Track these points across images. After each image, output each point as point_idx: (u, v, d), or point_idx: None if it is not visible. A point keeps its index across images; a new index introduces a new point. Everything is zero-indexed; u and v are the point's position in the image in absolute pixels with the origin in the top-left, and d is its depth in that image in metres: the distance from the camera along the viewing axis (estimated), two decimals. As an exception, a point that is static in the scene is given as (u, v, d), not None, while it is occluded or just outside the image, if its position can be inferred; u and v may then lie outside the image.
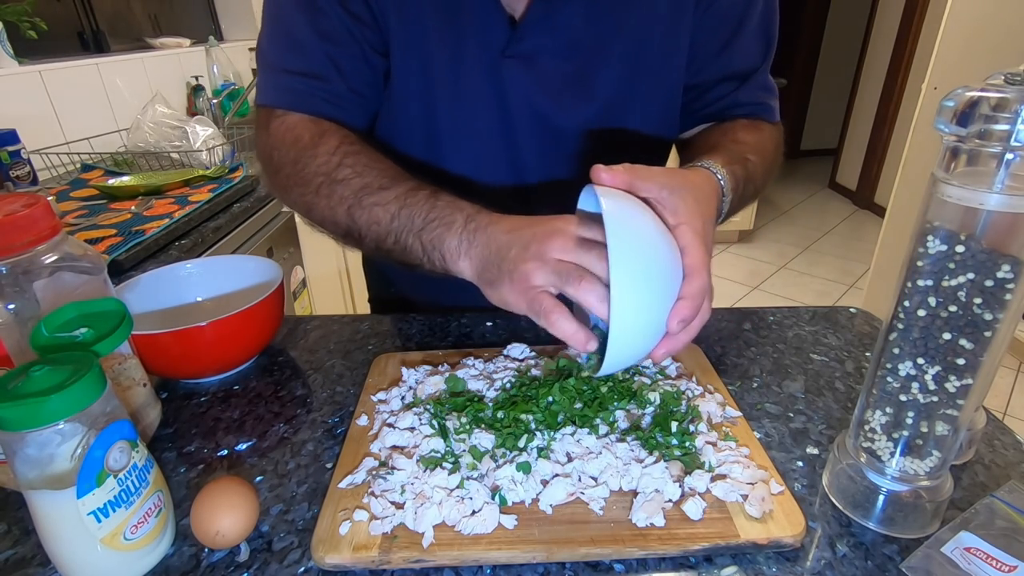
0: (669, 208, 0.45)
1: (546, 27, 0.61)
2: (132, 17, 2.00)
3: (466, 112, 0.66)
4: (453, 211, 0.51)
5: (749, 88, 0.68)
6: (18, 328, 0.44)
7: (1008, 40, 2.00)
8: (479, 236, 0.49)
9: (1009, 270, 0.34)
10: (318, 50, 0.61)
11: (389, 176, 0.56)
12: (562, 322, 0.42)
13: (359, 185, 0.56)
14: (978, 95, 0.32)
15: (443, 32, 0.62)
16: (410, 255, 0.53)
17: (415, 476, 0.45)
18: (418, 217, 0.52)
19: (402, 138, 0.70)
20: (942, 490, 0.41)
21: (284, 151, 0.61)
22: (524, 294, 0.44)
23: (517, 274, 0.44)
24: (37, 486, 0.36)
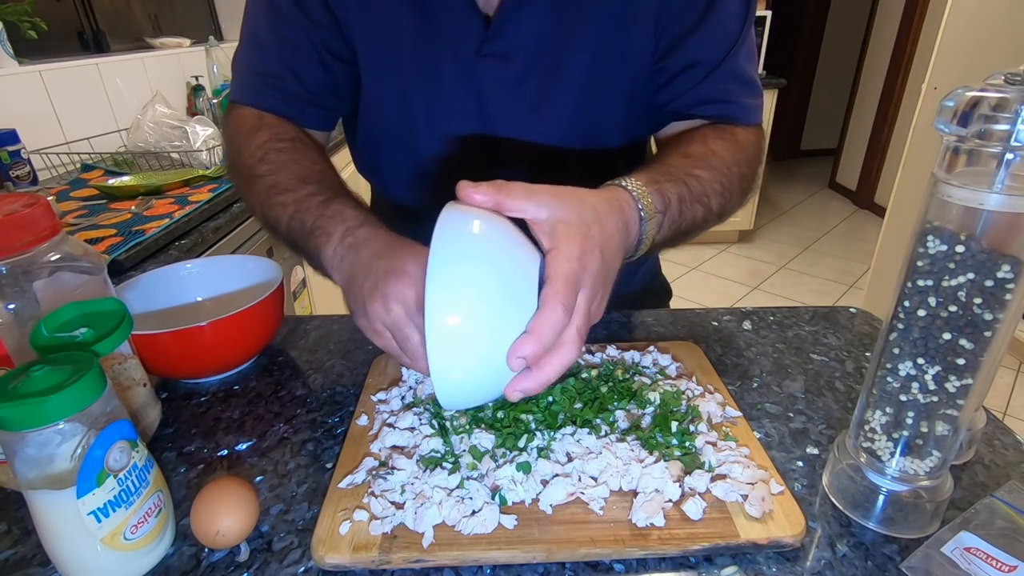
0: (547, 230, 0.40)
1: (519, 22, 0.61)
2: (132, 17, 2.00)
3: (444, 113, 0.66)
4: (336, 223, 0.51)
5: (717, 80, 0.63)
6: (18, 328, 0.44)
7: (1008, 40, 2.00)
8: (349, 254, 0.49)
9: (1009, 270, 0.34)
10: (277, 53, 0.64)
11: (298, 177, 0.57)
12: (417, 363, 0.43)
13: (270, 183, 0.58)
14: (978, 95, 0.32)
15: (417, 34, 0.62)
16: (306, 258, 0.55)
17: (415, 476, 0.45)
18: (307, 222, 0.53)
19: (383, 138, 0.71)
20: (942, 490, 0.41)
21: (228, 140, 0.66)
22: (375, 334, 0.45)
23: (366, 312, 0.44)
24: (37, 486, 0.36)
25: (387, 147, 0.71)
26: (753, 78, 0.66)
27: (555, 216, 0.41)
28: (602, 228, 0.42)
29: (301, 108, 0.66)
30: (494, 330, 0.37)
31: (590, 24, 0.62)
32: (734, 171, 0.59)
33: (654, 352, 0.60)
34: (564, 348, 0.38)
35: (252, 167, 0.60)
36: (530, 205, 0.41)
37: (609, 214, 0.44)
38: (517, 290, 0.38)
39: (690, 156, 0.58)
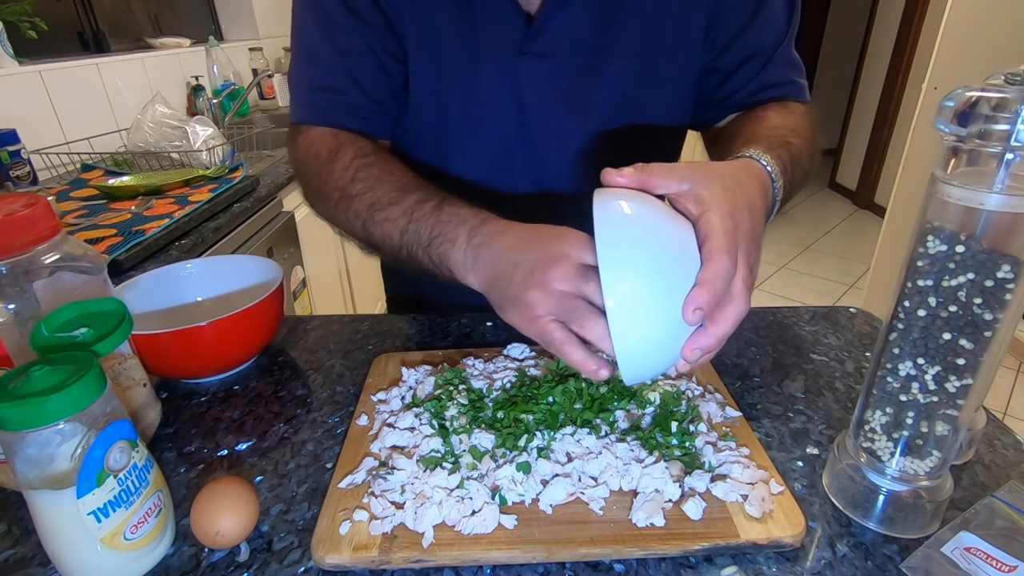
0: (692, 199, 0.41)
1: (561, 21, 0.61)
2: (132, 17, 2.00)
3: (481, 111, 0.66)
4: (456, 225, 0.51)
5: (776, 66, 0.66)
6: (18, 328, 0.44)
7: (1008, 40, 2.00)
8: (483, 252, 0.48)
9: (1009, 270, 0.34)
10: (336, 65, 0.63)
11: (398, 189, 0.56)
12: (573, 352, 0.41)
13: (370, 200, 0.57)
14: (978, 95, 0.32)
15: (458, 31, 0.62)
16: (424, 267, 0.54)
17: (415, 476, 0.45)
18: (424, 232, 0.52)
19: (415, 141, 0.70)
20: (942, 490, 0.41)
21: (307, 165, 0.64)
22: (532, 323, 0.43)
23: (522, 302, 0.43)
24: (37, 486, 0.36)
25: (424, 144, 0.70)
26: (799, 61, 0.69)
27: (698, 186, 0.41)
28: (745, 191, 0.43)
29: (368, 118, 0.65)
30: (669, 296, 0.38)
31: (634, 25, 0.62)
32: (810, 139, 0.60)
33: (654, 352, 0.60)
34: (735, 300, 0.39)
35: (344, 188, 0.59)
36: (672, 181, 0.42)
37: (748, 179, 0.45)
38: (682, 255, 0.39)
39: (777, 127, 0.59)
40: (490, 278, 0.47)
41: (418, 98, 0.66)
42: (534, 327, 0.43)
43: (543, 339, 0.43)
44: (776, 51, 0.66)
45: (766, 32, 0.65)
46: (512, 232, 0.48)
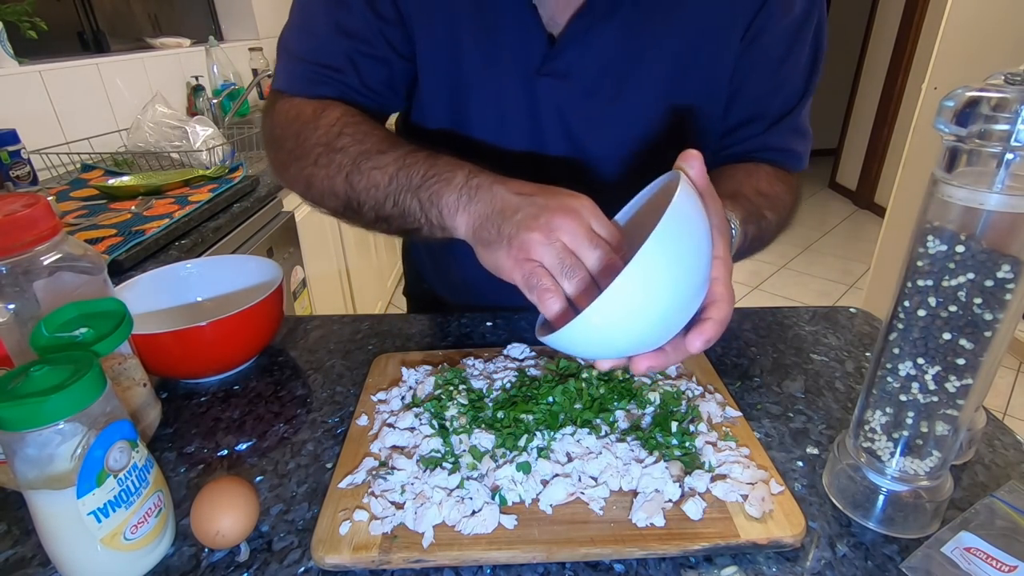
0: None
1: (584, 46, 0.60)
2: (132, 17, 2.00)
3: (496, 122, 0.65)
4: (454, 168, 0.50)
5: (780, 131, 0.66)
6: (18, 328, 0.44)
7: (1008, 40, 2.00)
8: (482, 192, 0.47)
9: (1009, 270, 0.34)
10: (337, 45, 0.61)
11: (389, 142, 0.56)
12: (554, 305, 0.41)
13: (357, 152, 0.55)
14: (978, 95, 0.32)
15: (479, 45, 0.61)
16: (408, 218, 0.52)
17: (415, 476, 0.45)
18: (416, 175, 0.51)
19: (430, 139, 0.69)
20: (942, 490, 0.41)
21: (286, 127, 0.62)
22: (521, 265, 0.42)
23: (518, 240, 0.42)
24: (37, 486, 0.36)
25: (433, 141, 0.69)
26: (808, 128, 0.68)
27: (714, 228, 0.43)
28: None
29: (358, 100, 0.64)
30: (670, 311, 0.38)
31: (658, 63, 0.61)
32: (783, 218, 0.63)
33: (654, 352, 0.60)
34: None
35: (330, 142, 0.57)
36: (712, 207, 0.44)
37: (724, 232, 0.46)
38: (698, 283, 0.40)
39: (762, 193, 0.61)
40: (483, 216, 0.46)
41: (432, 100, 0.66)
42: (521, 268, 0.42)
43: (528, 282, 0.41)
44: (784, 117, 0.65)
45: (779, 96, 0.65)
46: (516, 182, 0.47)
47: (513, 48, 0.61)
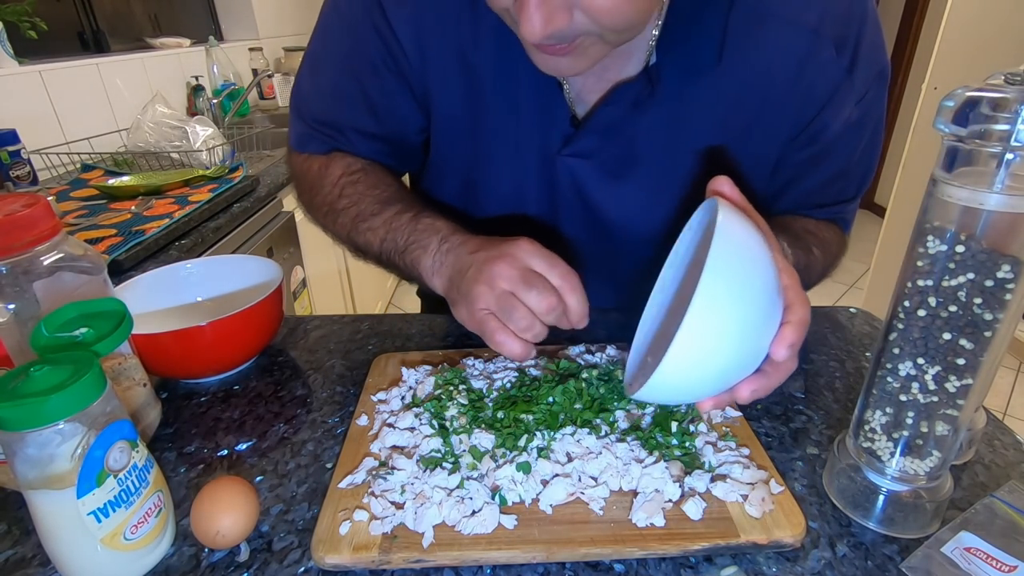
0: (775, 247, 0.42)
1: (610, 132, 0.59)
2: (132, 17, 2.00)
3: (513, 195, 0.65)
4: (430, 234, 0.55)
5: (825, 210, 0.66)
6: (18, 328, 0.44)
7: (1008, 40, 2.00)
8: (449, 256, 0.52)
9: (1009, 270, 0.34)
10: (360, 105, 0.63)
11: (380, 202, 0.60)
12: (506, 343, 0.45)
13: (354, 214, 0.61)
14: (978, 95, 0.32)
15: (500, 121, 0.60)
16: (400, 272, 0.57)
17: (415, 476, 0.45)
18: (400, 240, 0.56)
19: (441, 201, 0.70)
20: (942, 490, 0.41)
21: (302, 179, 0.68)
22: (472, 315, 0.47)
23: (470, 296, 0.47)
24: (37, 486, 0.36)
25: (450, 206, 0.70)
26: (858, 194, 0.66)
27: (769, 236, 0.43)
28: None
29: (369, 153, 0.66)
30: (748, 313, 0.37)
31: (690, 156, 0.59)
32: (828, 260, 0.64)
33: (654, 352, 0.60)
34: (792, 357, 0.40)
35: (332, 203, 0.63)
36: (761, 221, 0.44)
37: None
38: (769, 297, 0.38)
39: (811, 233, 0.62)
40: (450, 278, 0.51)
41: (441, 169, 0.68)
42: (473, 318, 0.47)
43: (480, 329, 0.46)
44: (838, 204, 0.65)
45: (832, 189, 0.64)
46: (474, 241, 0.51)
47: (535, 126, 0.60)
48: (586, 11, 0.42)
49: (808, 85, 0.55)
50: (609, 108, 0.58)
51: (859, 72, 0.54)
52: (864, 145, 0.60)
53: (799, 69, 0.54)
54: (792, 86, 0.55)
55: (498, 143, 0.62)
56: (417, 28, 0.57)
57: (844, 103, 0.56)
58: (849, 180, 0.63)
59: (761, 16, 0.53)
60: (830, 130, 0.57)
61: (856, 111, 0.56)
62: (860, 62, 0.54)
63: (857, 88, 0.55)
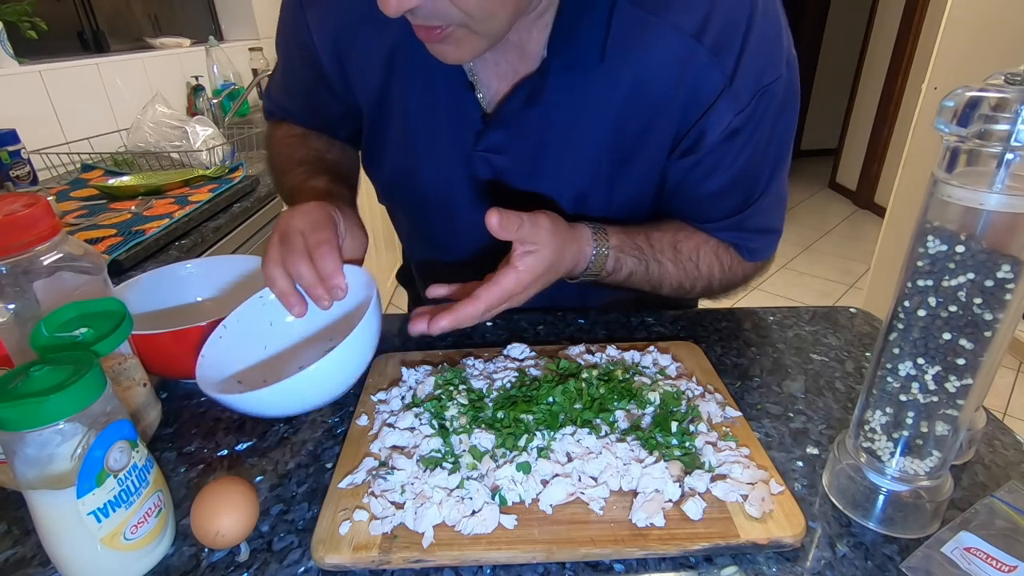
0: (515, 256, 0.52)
1: (513, 127, 0.61)
2: (132, 17, 2.00)
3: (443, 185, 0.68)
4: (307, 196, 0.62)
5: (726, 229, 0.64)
6: (18, 328, 0.44)
7: (1008, 40, 2.00)
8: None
9: (1009, 270, 0.34)
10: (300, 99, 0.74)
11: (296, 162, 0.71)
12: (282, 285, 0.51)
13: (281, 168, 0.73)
14: (978, 95, 0.32)
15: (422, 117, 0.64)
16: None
17: (415, 476, 0.45)
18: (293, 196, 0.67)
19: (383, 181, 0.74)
20: (942, 490, 0.41)
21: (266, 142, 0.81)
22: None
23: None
24: (37, 486, 0.36)
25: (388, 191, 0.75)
26: (768, 225, 0.66)
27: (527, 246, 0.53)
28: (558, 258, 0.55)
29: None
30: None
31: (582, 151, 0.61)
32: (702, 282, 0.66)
33: (654, 352, 0.60)
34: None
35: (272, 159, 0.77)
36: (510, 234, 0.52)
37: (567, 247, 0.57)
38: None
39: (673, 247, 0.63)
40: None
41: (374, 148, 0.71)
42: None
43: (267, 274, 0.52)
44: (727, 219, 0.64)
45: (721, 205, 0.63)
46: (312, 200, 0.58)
47: (451, 123, 0.63)
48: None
49: (689, 90, 0.55)
50: (509, 103, 0.60)
51: (740, 82, 0.54)
52: (752, 160, 0.59)
53: (679, 74, 0.54)
54: (674, 90, 0.56)
55: (420, 138, 0.65)
56: (334, 26, 0.62)
57: (724, 111, 0.55)
58: (738, 196, 0.62)
59: (643, 18, 0.53)
60: (707, 137, 0.57)
61: (737, 120, 0.56)
62: (742, 72, 0.54)
63: (739, 97, 0.55)
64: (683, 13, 0.53)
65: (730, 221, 0.64)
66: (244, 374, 0.54)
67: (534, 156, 0.62)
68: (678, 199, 0.64)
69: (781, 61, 0.56)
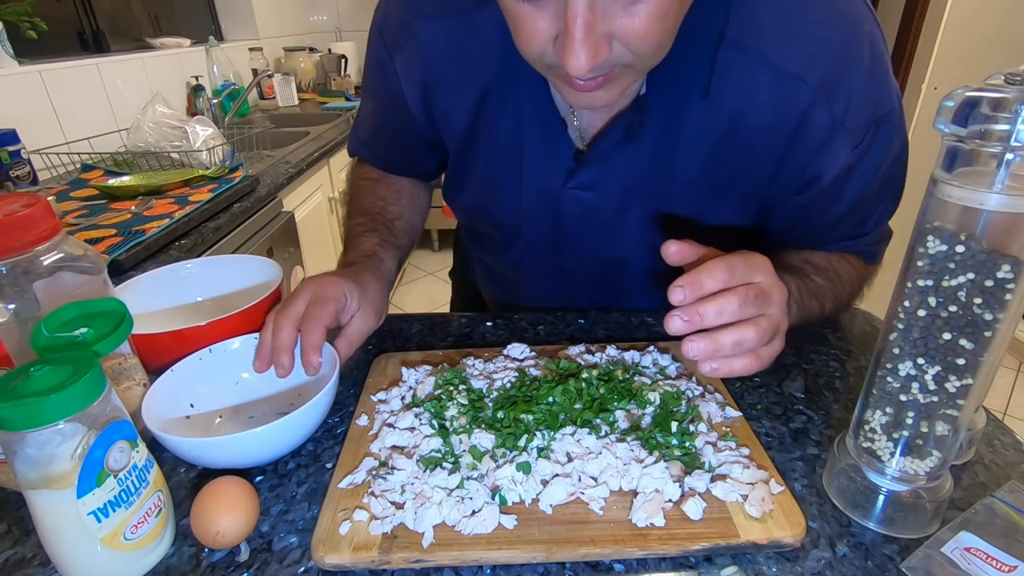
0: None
1: (609, 163, 0.61)
2: (132, 17, 2.00)
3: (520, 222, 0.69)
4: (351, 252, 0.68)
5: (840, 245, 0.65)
6: (18, 328, 0.44)
7: (1008, 40, 2.00)
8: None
9: (1009, 270, 0.34)
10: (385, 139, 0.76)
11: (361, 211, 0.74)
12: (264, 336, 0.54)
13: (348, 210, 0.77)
14: (978, 95, 0.32)
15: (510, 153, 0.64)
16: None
17: (415, 476, 0.45)
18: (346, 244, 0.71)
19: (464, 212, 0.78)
20: (942, 490, 0.41)
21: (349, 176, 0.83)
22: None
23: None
24: (37, 486, 0.36)
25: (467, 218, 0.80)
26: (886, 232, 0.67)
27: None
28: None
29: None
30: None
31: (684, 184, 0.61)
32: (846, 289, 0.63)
33: (654, 352, 0.60)
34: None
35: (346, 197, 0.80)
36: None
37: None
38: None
39: (811, 264, 0.62)
40: None
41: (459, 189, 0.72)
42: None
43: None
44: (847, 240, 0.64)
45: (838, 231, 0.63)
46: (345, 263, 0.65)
47: (540, 162, 0.63)
48: (623, 39, 0.43)
49: (794, 129, 0.55)
50: (604, 139, 0.60)
51: (852, 120, 0.54)
52: (870, 184, 0.59)
53: (781, 111, 0.54)
54: (776, 130, 0.55)
55: (504, 173, 0.66)
56: (421, 72, 0.63)
57: (839, 151, 0.55)
58: (857, 217, 0.62)
59: (749, 56, 0.53)
60: (825, 177, 0.57)
61: (853, 156, 0.56)
62: (852, 110, 0.53)
63: (852, 135, 0.54)
64: (788, 53, 0.52)
65: (851, 243, 0.65)
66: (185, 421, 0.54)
67: (624, 191, 0.62)
68: (798, 230, 0.64)
69: (891, 93, 0.55)
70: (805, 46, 0.52)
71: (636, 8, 0.42)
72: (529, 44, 0.46)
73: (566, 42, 0.42)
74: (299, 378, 0.55)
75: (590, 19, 0.41)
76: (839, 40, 0.52)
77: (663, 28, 0.44)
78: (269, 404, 0.56)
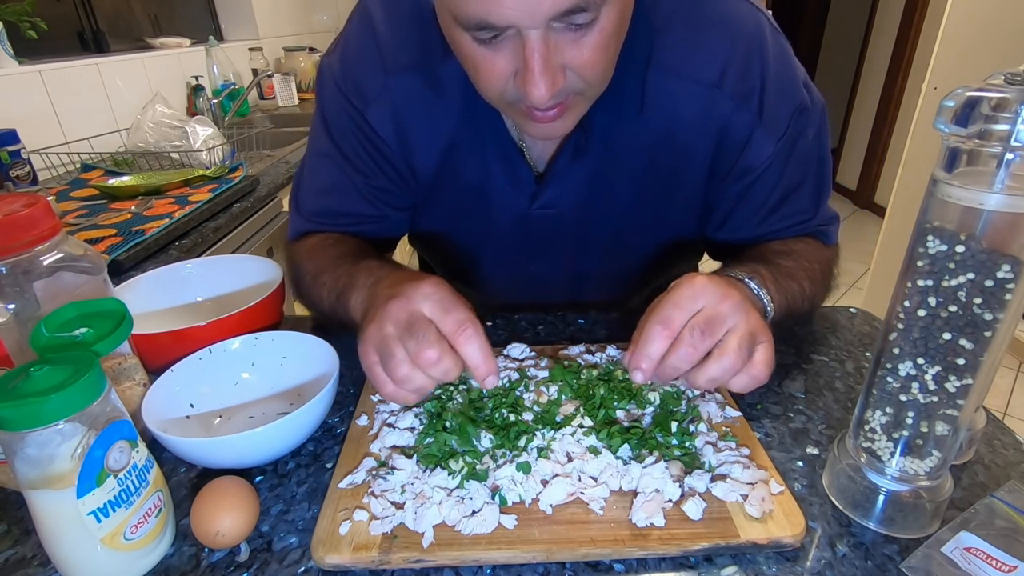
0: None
1: (564, 182, 0.65)
2: (132, 17, 2.00)
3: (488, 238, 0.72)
4: (361, 273, 0.56)
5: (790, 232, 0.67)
6: (18, 328, 0.44)
7: (1008, 40, 2.00)
8: (369, 292, 0.53)
9: (1009, 270, 0.34)
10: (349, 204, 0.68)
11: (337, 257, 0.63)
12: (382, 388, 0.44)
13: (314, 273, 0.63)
14: (978, 95, 0.32)
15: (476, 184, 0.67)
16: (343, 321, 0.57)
17: (415, 476, 0.45)
18: (339, 285, 0.58)
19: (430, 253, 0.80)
20: (942, 490, 0.41)
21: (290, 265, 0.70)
22: (364, 358, 0.46)
23: (363, 335, 0.46)
24: (37, 486, 0.36)
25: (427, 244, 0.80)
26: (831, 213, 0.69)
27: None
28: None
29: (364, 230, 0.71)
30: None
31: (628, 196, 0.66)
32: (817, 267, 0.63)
33: (654, 352, 0.60)
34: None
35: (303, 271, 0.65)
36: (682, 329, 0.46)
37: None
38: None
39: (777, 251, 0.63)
40: (364, 313, 0.51)
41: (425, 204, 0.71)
42: (364, 360, 0.46)
43: (365, 370, 0.46)
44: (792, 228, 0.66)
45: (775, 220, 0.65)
46: (394, 276, 0.52)
47: (504, 189, 0.66)
48: (575, 68, 0.48)
49: (718, 132, 0.61)
50: (558, 161, 0.64)
51: (769, 115, 0.59)
52: (800, 170, 0.63)
53: (705, 120, 0.60)
54: (702, 135, 0.61)
55: (470, 202, 0.69)
56: (395, 122, 0.64)
57: (763, 144, 0.60)
58: (798, 198, 0.65)
59: (671, 73, 0.58)
60: (755, 166, 0.62)
61: (779, 145, 0.60)
62: (768, 106, 0.59)
63: (773, 128, 0.60)
64: (703, 66, 0.58)
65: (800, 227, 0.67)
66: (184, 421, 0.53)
67: (581, 203, 0.67)
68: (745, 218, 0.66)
69: (799, 81, 0.61)
70: (716, 57, 0.57)
71: (583, 41, 0.47)
72: (489, 84, 0.50)
73: (527, 76, 0.47)
74: (299, 378, 0.55)
75: (545, 53, 0.46)
76: (744, 45, 0.57)
77: (607, 57, 0.49)
78: (269, 404, 0.56)
